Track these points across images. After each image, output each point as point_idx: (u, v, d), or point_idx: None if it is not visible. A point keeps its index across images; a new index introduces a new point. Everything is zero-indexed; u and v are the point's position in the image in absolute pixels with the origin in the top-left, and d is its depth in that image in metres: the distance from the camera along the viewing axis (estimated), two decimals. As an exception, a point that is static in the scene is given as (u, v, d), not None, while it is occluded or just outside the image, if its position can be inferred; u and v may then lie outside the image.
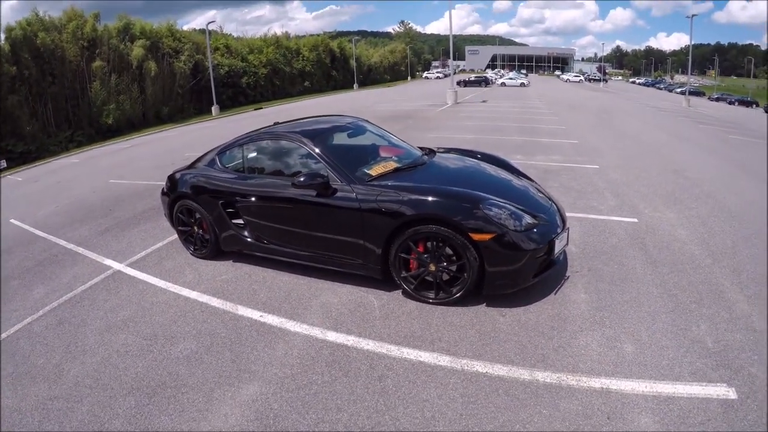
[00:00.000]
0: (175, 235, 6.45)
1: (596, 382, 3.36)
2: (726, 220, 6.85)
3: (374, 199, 4.49)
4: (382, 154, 5.65)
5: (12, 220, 9.35)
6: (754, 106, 58.13)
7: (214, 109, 38.44)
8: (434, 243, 4.30)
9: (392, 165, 5.21)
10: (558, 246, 4.50)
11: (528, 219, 4.34)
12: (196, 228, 5.91)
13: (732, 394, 3.20)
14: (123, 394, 3.57)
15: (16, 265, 6.63)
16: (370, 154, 5.62)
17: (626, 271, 5.09)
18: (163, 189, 6.31)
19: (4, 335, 4.73)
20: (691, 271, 5.12)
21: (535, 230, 4.31)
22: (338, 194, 4.69)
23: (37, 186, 13.45)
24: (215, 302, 4.85)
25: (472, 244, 4.11)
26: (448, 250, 4.29)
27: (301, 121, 6.32)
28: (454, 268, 4.32)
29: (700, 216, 7.01)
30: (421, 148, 6.13)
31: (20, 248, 7.40)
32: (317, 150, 5.02)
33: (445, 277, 4.42)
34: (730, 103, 59.31)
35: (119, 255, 6.43)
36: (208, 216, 5.64)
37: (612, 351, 3.71)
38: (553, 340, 3.88)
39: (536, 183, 5.70)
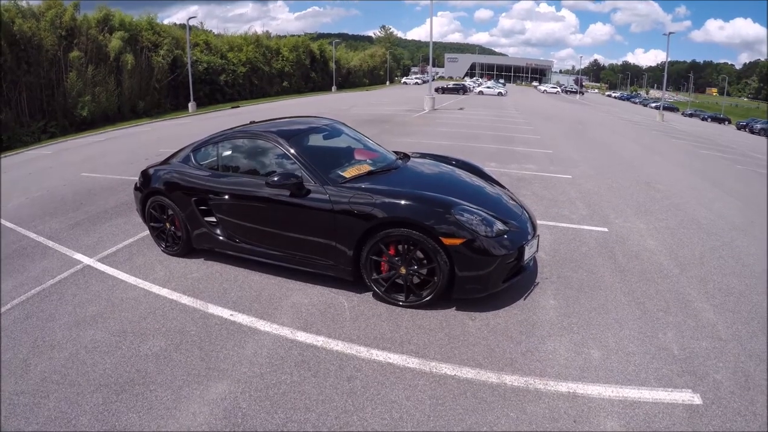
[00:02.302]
0: (147, 232, 6.36)
1: (563, 387, 3.42)
2: (695, 231, 7.03)
3: (347, 201, 4.51)
4: (357, 157, 5.67)
5: (-20, 211, 9.11)
6: (726, 122, 59.57)
7: (191, 105, 37.90)
8: (405, 246, 4.34)
9: (366, 168, 5.24)
10: (528, 252, 4.57)
11: (499, 225, 4.40)
12: (168, 225, 5.85)
13: (697, 399, 3.29)
14: (90, 390, 3.51)
15: (-18, 257, 6.47)
16: (345, 156, 5.64)
17: (595, 279, 5.18)
18: (136, 184, 6.23)
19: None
20: (659, 280, 5.24)
21: (505, 236, 4.37)
22: (311, 195, 4.69)
23: (8, 177, 13.13)
24: (185, 300, 4.80)
25: (442, 248, 4.16)
26: (419, 254, 4.33)
27: (278, 120, 6.30)
28: (424, 271, 4.36)
29: (669, 227, 7.17)
30: (395, 153, 6.17)
31: (-13, 240, 7.22)
32: (292, 150, 5.02)
33: (416, 280, 4.46)
34: (703, 119, 60.75)
35: (89, 249, 6.32)
36: (181, 213, 5.59)
37: (579, 356, 3.78)
38: (522, 344, 3.94)
39: (509, 190, 5.77)
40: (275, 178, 4.71)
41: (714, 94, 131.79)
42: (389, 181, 5.00)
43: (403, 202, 4.34)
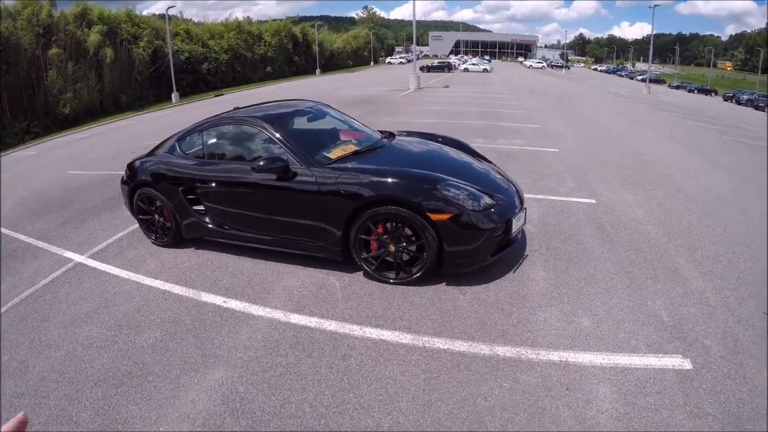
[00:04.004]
0: (136, 225, 6.34)
1: (555, 356, 3.47)
2: (682, 201, 7.10)
3: (333, 181, 4.52)
4: (342, 137, 5.67)
5: (-33, 215, 9.02)
6: (713, 94, 59.90)
7: (174, 96, 37.55)
8: (393, 224, 4.36)
9: (351, 148, 5.25)
10: (516, 225, 4.61)
11: (486, 199, 4.43)
12: (156, 216, 5.83)
13: (687, 364, 3.35)
14: (90, 386, 3.52)
15: (-27, 261, 6.42)
16: (330, 137, 5.63)
17: (584, 250, 5.23)
18: (122, 178, 6.19)
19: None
20: (647, 249, 5.30)
21: (493, 210, 4.40)
22: (298, 178, 4.70)
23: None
24: (178, 290, 4.81)
25: (430, 225, 4.19)
26: (408, 231, 4.36)
27: (262, 105, 6.27)
28: (413, 248, 4.40)
29: (656, 197, 7.23)
30: (381, 132, 6.17)
31: (-24, 243, 7.16)
32: (277, 134, 5.01)
33: (405, 257, 4.49)
34: (690, 91, 60.97)
35: (80, 247, 6.29)
36: (169, 203, 5.58)
37: (570, 325, 3.84)
38: (513, 316, 3.99)
39: (495, 165, 5.80)
40: (261, 163, 4.71)
41: (729, 69, 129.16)
42: (375, 160, 5.02)
43: (389, 180, 4.36)
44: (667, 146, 12.42)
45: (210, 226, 5.41)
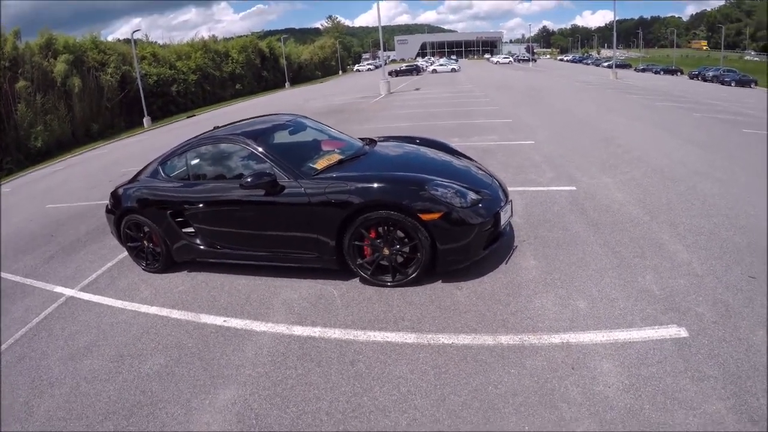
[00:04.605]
0: (125, 253, 6.29)
1: (556, 338, 3.58)
2: (659, 180, 7.28)
3: (322, 191, 4.56)
4: (324, 147, 5.72)
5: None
6: (679, 73, 61.04)
7: (146, 120, 37.02)
8: (385, 228, 4.43)
9: (336, 157, 5.30)
10: (503, 218, 4.71)
11: (472, 195, 4.52)
12: (146, 242, 5.79)
13: (683, 332, 3.49)
14: (99, 420, 3.47)
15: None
16: (313, 148, 5.68)
17: (571, 235, 5.36)
18: (107, 207, 6.15)
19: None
20: (631, 228, 5.44)
21: (480, 205, 4.49)
22: (287, 191, 4.73)
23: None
24: (176, 314, 4.78)
25: (422, 225, 4.26)
26: (400, 233, 4.41)
27: (241, 122, 6.30)
28: (407, 249, 4.46)
29: (634, 178, 7.41)
30: (361, 139, 6.24)
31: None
32: (261, 149, 5.05)
33: (400, 259, 4.55)
34: (656, 72, 62.12)
35: (70, 280, 6.21)
36: (157, 228, 5.55)
37: (567, 309, 3.94)
38: (510, 305, 4.08)
39: (476, 162, 5.90)
40: (248, 179, 4.73)
41: (704, 48, 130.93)
42: (361, 167, 5.08)
43: (377, 185, 4.43)
44: (640, 128, 12.67)
45: (201, 247, 5.41)
